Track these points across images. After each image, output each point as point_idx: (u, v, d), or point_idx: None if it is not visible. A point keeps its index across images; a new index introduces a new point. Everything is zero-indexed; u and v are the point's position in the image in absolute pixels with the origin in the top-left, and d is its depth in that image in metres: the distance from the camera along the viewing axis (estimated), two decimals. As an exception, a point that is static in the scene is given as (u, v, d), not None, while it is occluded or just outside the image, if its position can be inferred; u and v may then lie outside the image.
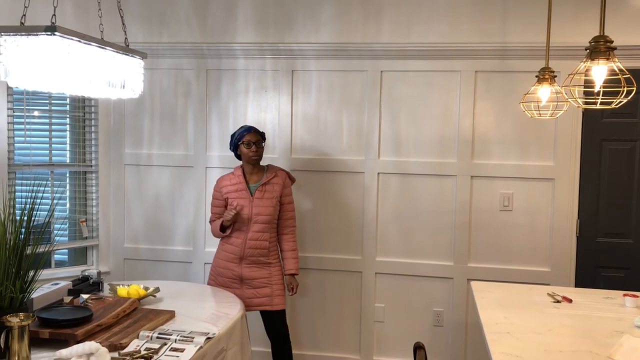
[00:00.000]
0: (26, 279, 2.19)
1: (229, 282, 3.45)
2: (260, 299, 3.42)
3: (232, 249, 3.46)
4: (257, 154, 3.46)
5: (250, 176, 3.52)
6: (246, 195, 3.45)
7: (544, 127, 3.84)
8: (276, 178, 3.51)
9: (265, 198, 3.45)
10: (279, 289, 3.48)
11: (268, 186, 3.47)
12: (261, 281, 3.44)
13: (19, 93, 3.86)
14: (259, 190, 3.45)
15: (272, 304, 3.45)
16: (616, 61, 1.96)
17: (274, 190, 3.48)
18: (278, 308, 3.47)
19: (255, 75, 4.17)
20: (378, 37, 3.96)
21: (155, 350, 2.17)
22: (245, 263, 3.44)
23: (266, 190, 3.46)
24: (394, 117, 4.02)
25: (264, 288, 3.44)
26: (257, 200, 3.44)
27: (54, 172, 4.13)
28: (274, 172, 3.54)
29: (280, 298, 3.48)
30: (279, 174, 3.54)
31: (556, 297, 2.96)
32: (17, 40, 2.13)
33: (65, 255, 4.30)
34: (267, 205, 3.44)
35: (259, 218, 3.41)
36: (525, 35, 3.78)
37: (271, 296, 3.45)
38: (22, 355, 2.00)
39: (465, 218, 3.95)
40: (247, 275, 3.44)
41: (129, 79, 2.61)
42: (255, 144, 3.44)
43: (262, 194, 3.45)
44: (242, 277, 3.44)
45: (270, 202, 3.45)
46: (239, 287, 3.42)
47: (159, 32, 4.21)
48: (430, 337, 4.00)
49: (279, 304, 3.47)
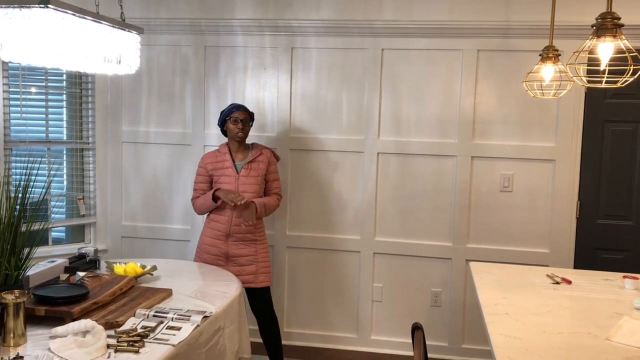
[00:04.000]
0: (21, 256, 2.17)
1: (215, 259, 3.47)
2: (245, 276, 3.43)
3: (219, 226, 3.48)
4: (242, 131, 3.49)
5: (236, 154, 3.55)
6: (232, 172, 3.48)
7: (546, 108, 3.80)
8: (261, 156, 3.54)
9: (251, 176, 3.48)
10: (264, 267, 3.52)
11: (254, 164, 3.51)
12: (247, 259, 3.47)
13: (15, 69, 3.81)
14: (245, 168, 3.49)
15: (257, 281, 3.48)
16: (623, 39, 1.92)
17: (260, 168, 3.51)
18: (262, 285, 3.51)
19: (254, 52, 4.11)
20: (380, 15, 3.90)
21: (151, 328, 2.15)
22: (231, 240, 3.46)
23: (252, 168, 3.50)
24: (394, 96, 3.98)
25: (249, 265, 3.47)
26: (242, 177, 3.47)
27: (51, 149, 4.10)
28: (259, 150, 3.57)
29: (265, 275, 3.52)
30: (264, 152, 3.57)
31: (555, 278, 2.95)
32: (10, 13, 2.08)
33: (63, 232, 4.29)
34: (253, 183, 3.48)
35: (244, 195, 3.42)
36: (529, 13, 3.71)
37: (256, 273, 3.48)
38: (17, 332, 2.00)
39: (465, 199, 3.93)
40: (233, 252, 3.46)
41: (125, 54, 2.57)
42: (242, 122, 3.47)
43: (248, 172, 3.48)
44: (228, 254, 3.46)
45: (255, 180, 3.49)
46: (225, 264, 3.44)
47: (157, 8, 4.15)
48: (428, 318, 4.01)
49: (263, 281, 3.51)
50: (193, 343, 2.19)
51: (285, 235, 4.15)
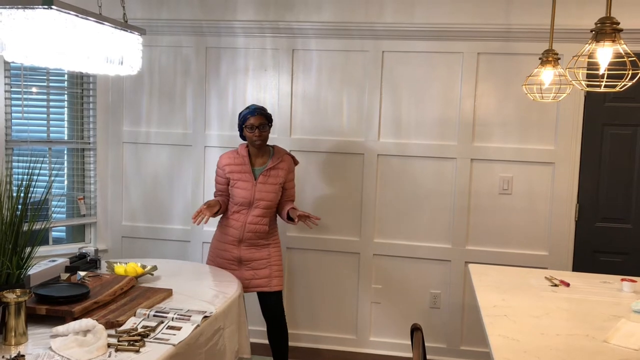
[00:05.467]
0: (23, 256, 2.19)
1: (228, 263, 3.42)
2: (258, 280, 3.39)
3: (232, 231, 3.42)
4: (260, 138, 3.33)
5: (256, 158, 3.42)
6: (249, 178, 3.37)
7: (545, 111, 3.81)
8: (282, 163, 3.41)
9: (269, 183, 3.37)
10: (277, 270, 3.45)
11: (273, 171, 3.38)
12: (260, 262, 3.41)
13: (17, 69, 3.82)
14: (263, 175, 3.36)
15: (271, 285, 3.42)
16: (622, 43, 1.94)
17: (279, 175, 3.39)
18: (276, 289, 3.44)
19: (255, 54, 4.12)
20: (380, 17, 3.91)
21: (152, 328, 2.17)
22: (244, 245, 3.40)
23: (270, 175, 3.37)
24: (394, 98, 3.99)
25: (263, 269, 3.41)
26: (260, 185, 3.35)
27: (52, 149, 4.11)
28: (280, 156, 3.43)
29: (278, 279, 3.45)
30: (286, 159, 3.44)
31: (554, 280, 2.96)
32: (14, 14, 2.09)
33: (63, 232, 4.30)
34: (270, 191, 3.36)
35: (260, 203, 3.35)
36: (529, 17, 3.73)
37: (270, 277, 3.42)
38: (18, 331, 2.01)
39: (465, 201, 3.94)
40: (246, 256, 3.40)
41: (127, 55, 2.58)
42: (258, 128, 3.31)
43: (266, 179, 3.37)
44: (241, 258, 3.41)
45: (273, 188, 3.37)
46: (238, 269, 3.39)
47: (159, 9, 4.16)
48: (427, 319, 4.02)
49: (276, 285, 3.44)
50: (193, 343, 2.21)
51: (285, 236, 4.15)
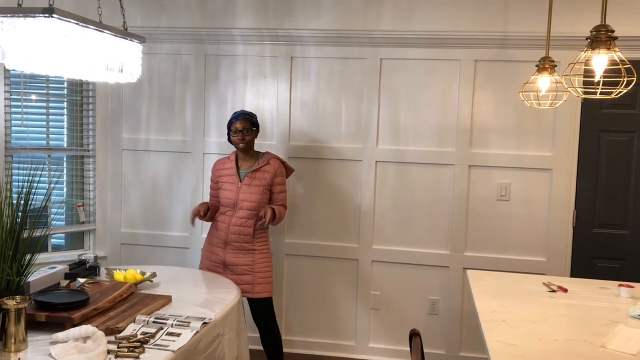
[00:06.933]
0: (23, 262, 2.19)
1: (214, 266, 3.48)
2: (242, 286, 3.37)
3: (218, 233, 3.49)
4: (243, 141, 3.45)
5: (242, 162, 3.55)
6: (235, 180, 3.48)
7: (542, 118, 3.83)
8: (268, 166, 3.48)
9: (253, 185, 3.45)
10: (261, 277, 3.45)
11: (258, 173, 3.47)
12: (243, 268, 3.43)
13: (17, 76, 3.84)
14: (248, 177, 3.47)
15: (254, 291, 3.43)
16: (617, 51, 1.96)
17: (264, 177, 3.46)
18: (260, 296, 3.45)
19: (254, 61, 4.14)
20: (378, 25, 3.94)
21: (151, 334, 2.17)
22: (229, 249, 3.45)
23: (255, 177, 3.46)
24: (392, 105, 4.01)
25: (245, 275, 3.43)
26: (244, 186, 3.45)
27: (51, 156, 4.12)
28: (267, 159, 3.51)
29: (263, 286, 3.45)
30: (272, 163, 3.51)
31: (552, 286, 2.97)
32: (15, 22, 2.10)
33: (62, 239, 4.30)
34: (254, 192, 3.43)
35: (244, 204, 3.42)
36: (526, 24, 3.76)
37: (253, 284, 3.42)
38: (18, 338, 2.01)
39: (463, 207, 3.95)
40: (230, 261, 3.44)
41: (127, 63, 2.59)
42: (241, 132, 3.44)
43: (251, 181, 3.46)
44: (225, 262, 3.45)
45: (257, 190, 3.44)
46: (223, 272, 3.42)
47: (158, 16, 4.18)
48: (426, 325, 4.02)
49: (260, 292, 3.44)
50: (192, 349, 2.21)
51: (283, 243, 4.17)
